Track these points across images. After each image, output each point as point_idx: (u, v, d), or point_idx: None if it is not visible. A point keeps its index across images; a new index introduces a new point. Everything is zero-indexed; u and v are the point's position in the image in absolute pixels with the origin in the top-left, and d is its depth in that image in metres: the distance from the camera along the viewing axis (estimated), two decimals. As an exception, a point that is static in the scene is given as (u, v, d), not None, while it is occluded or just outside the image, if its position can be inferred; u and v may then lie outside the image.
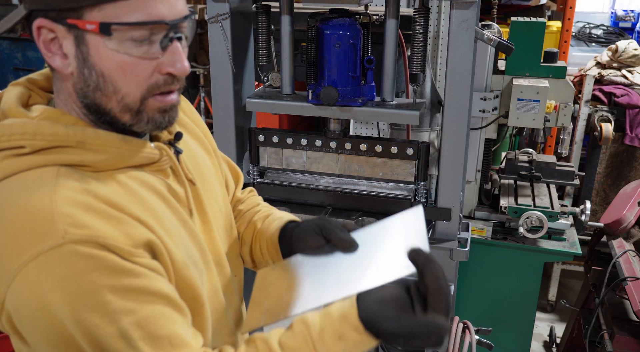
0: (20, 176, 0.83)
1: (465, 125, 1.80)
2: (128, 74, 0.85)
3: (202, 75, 5.38)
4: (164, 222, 0.92)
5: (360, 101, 1.88)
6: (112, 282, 0.80)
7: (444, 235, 1.92)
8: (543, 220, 2.51)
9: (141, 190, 0.91)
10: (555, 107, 2.58)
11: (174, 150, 1.01)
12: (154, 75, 0.87)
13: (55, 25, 0.84)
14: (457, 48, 1.74)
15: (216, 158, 1.21)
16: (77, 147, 0.85)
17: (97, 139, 0.86)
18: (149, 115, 0.89)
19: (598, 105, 3.39)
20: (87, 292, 0.79)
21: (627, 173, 3.53)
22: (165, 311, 0.87)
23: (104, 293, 0.79)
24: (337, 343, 0.87)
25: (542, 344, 3.29)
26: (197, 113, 1.21)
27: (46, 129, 0.84)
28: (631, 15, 5.19)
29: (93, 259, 0.79)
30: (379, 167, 1.97)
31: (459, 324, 1.98)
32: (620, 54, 3.40)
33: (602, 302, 2.42)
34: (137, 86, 0.86)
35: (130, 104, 0.87)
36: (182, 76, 0.90)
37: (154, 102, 0.89)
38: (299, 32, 1.95)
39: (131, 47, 0.84)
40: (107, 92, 0.86)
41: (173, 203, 0.97)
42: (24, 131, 0.83)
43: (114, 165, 0.89)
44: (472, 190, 2.72)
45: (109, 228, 0.81)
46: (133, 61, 0.84)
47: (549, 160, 2.81)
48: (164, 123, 0.91)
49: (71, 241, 0.78)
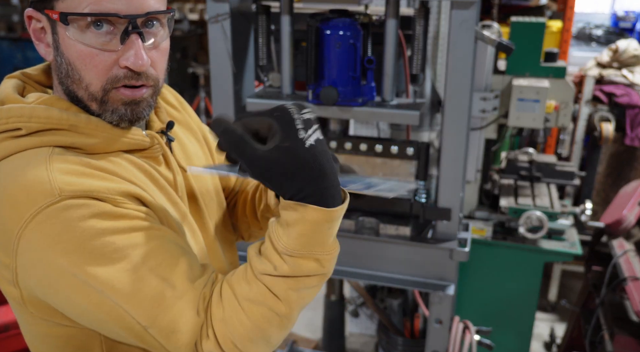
0: (17, 155, 0.88)
1: (465, 125, 1.80)
2: (87, 64, 0.89)
3: (202, 75, 5.38)
4: (153, 196, 0.95)
5: (360, 101, 1.88)
6: (112, 224, 0.84)
7: (444, 235, 1.92)
8: (543, 220, 2.51)
9: (132, 168, 0.95)
10: (555, 107, 2.58)
11: (166, 139, 1.04)
12: (115, 68, 0.89)
13: (40, 15, 0.91)
14: (457, 48, 1.74)
15: (207, 147, 1.22)
16: (70, 130, 0.90)
17: (89, 124, 0.91)
18: (112, 106, 0.92)
19: (598, 105, 3.39)
20: (89, 237, 0.82)
21: (627, 173, 3.53)
22: (169, 242, 0.89)
23: (105, 235, 0.83)
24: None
25: (542, 344, 3.29)
26: (186, 103, 1.22)
27: (41, 112, 0.89)
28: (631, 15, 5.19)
29: (89, 207, 0.83)
30: (379, 167, 1.97)
31: (459, 324, 1.99)
32: (621, 54, 3.40)
33: (603, 302, 2.42)
34: (98, 76, 0.90)
35: (94, 93, 0.91)
36: (144, 72, 0.91)
37: (117, 94, 0.91)
38: (299, 32, 1.95)
39: (90, 38, 0.87)
40: (75, 80, 0.91)
41: (163, 184, 1.00)
42: (21, 114, 0.88)
43: (105, 148, 0.93)
44: (472, 190, 2.72)
45: (101, 183, 0.86)
46: (91, 52, 0.88)
47: (549, 161, 2.81)
48: (126, 116, 0.93)
49: (67, 197, 0.82)
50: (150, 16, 0.90)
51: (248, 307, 0.86)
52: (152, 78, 0.93)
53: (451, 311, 1.94)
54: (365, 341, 3.28)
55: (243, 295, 0.86)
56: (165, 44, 0.95)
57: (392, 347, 2.67)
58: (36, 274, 0.85)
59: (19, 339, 2.34)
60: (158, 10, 0.90)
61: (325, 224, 0.83)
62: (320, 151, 0.81)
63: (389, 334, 2.68)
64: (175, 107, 1.18)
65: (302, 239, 0.84)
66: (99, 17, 0.86)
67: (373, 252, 1.97)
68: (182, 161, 1.08)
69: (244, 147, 0.79)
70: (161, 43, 0.94)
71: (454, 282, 1.93)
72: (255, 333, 0.86)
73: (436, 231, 1.94)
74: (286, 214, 0.84)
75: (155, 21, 0.92)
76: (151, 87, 0.94)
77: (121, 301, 0.84)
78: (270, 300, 0.86)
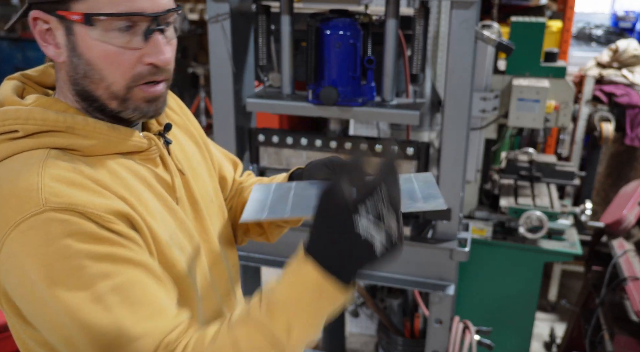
0: (14, 158, 0.88)
1: (465, 125, 1.80)
2: (112, 63, 0.89)
3: (202, 75, 5.38)
4: (147, 205, 0.94)
5: (360, 101, 1.88)
6: (89, 248, 0.82)
7: (444, 235, 1.92)
8: (543, 220, 2.51)
9: (127, 175, 0.94)
10: (555, 107, 2.58)
11: (164, 141, 1.04)
12: (138, 66, 0.91)
13: (49, 16, 0.90)
14: (457, 48, 1.74)
15: (207, 152, 1.22)
16: (66, 132, 0.90)
17: (87, 126, 0.91)
18: (135, 104, 0.93)
19: (598, 105, 3.39)
20: (62, 256, 0.81)
21: (627, 173, 3.53)
22: (144, 278, 0.87)
23: (79, 257, 0.82)
24: (296, 295, 0.85)
25: (542, 344, 3.29)
26: (186, 108, 1.23)
27: (37, 114, 0.89)
28: (631, 15, 5.19)
29: (70, 225, 0.82)
30: (379, 167, 1.97)
31: (459, 324, 1.99)
32: (621, 54, 3.40)
33: (603, 302, 2.42)
34: (122, 75, 0.91)
35: (116, 92, 0.91)
36: (165, 67, 0.93)
37: (140, 92, 0.93)
38: (299, 32, 1.95)
39: (114, 38, 0.88)
40: (95, 80, 0.91)
41: (159, 190, 0.99)
42: (17, 116, 0.89)
43: (102, 151, 0.93)
44: (472, 190, 2.72)
45: (89, 198, 0.85)
46: (116, 51, 0.89)
47: (549, 161, 2.81)
48: (149, 112, 0.95)
49: (50, 209, 0.82)
50: (169, 14, 0.92)
51: None
52: (169, 73, 0.96)
53: (451, 311, 1.94)
54: (365, 341, 3.28)
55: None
56: (175, 40, 0.97)
57: (392, 347, 2.66)
58: (12, 281, 0.85)
59: (19, 339, 2.34)
60: (174, 8, 0.93)
61: (318, 291, 0.83)
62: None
63: (389, 334, 2.67)
64: (175, 111, 1.18)
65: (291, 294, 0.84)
66: (125, 17, 0.87)
67: (373, 252, 1.97)
68: (181, 164, 1.08)
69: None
70: (173, 39, 0.96)
71: (454, 282, 1.93)
72: None
73: (436, 231, 1.94)
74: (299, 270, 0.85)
75: (171, 18, 0.94)
76: (166, 82, 0.97)
77: (76, 329, 0.82)
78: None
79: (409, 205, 1.03)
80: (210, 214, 1.14)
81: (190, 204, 1.08)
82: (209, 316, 1.07)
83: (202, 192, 1.12)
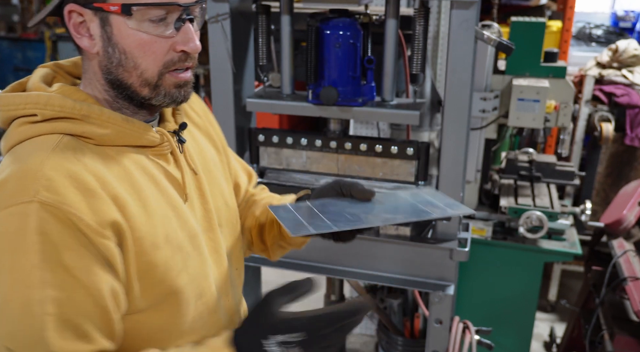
0: (31, 140, 0.94)
1: (465, 125, 1.80)
2: (146, 51, 0.95)
3: (202, 75, 5.38)
4: (147, 202, 0.97)
5: (360, 101, 1.88)
6: (51, 254, 0.85)
7: (444, 235, 1.92)
8: (543, 220, 2.51)
9: (134, 170, 0.98)
10: (555, 107, 2.58)
11: (177, 139, 1.08)
12: (169, 53, 0.97)
13: (83, 9, 0.94)
14: (457, 48, 1.74)
15: (225, 156, 1.26)
16: (82, 120, 0.94)
17: (101, 115, 0.95)
18: (165, 89, 0.99)
19: (598, 105, 3.39)
20: (24, 250, 0.84)
21: (627, 173, 3.53)
22: (89, 303, 0.88)
23: (38, 258, 0.84)
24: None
25: (542, 344, 3.29)
26: (208, 111, 1.27)
27: (56, 101, 0.94)
28: (631, 15, 5.19)
29: (48, 224, 0.84)
30: (379, 167, 1.97)
31: (459, 324, 1.99)
32: (621, 53, 3.40)
33: (602, 302, 2.42)
34: (154, 62, 0.96)
35: (148, 78, 0.97)
36: (194, 54, 0.99)
37: (170, 78, 0.98)
38: (299, 32, 1.95)
39: (149, 27, 0.94)
40: (128, 68, 0.96)
41: (164, 187, 1.02)
42: (37, 101, 0.94)
43: (114, 141, 0.96)
44: (472, 190, 2.72)
45: (79, 199, 0.87)
46: (150, 39, 0.95)
47: (549, 161, 2.81)
48: (179, 97, 1.01)
49: (38, 201, 0.84)
50: (198, 4, 0.98)
51: None
52: (196, 61, 1.02)
53: (451, 311, 1.94)
54: (365, 341, 3.28)
55: None
56: (199, 32, 1.02)
57: (392, 347, 2.67)
58: None
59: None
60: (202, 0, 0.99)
61: None
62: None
63: (389, 334, 2.68)
64: (198, 114, 1.23)
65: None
66: (161, 7, 0.93)
67: (373, 252, 1.97)
68: (195, 163, 1.11)
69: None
70: (197, 30, 1.01)
71: (454, 282, 1.93)
72: None
73: (436, 231, 1.94)
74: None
75: (199, 8, 1.00)
76: (192, 69, 1.02)
77: (4, 320, 0.86)
78: None
79: (439, 212, 1.11)
80: (221, 216, 1.16)
81: (201, 203, 1.10)
82: (204, 313, 1.09)
83: (215, 193, 1.15)
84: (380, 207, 1.15)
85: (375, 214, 1.12)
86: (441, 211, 1.14)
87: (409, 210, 1.15)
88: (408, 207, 1.17)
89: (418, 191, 1.26)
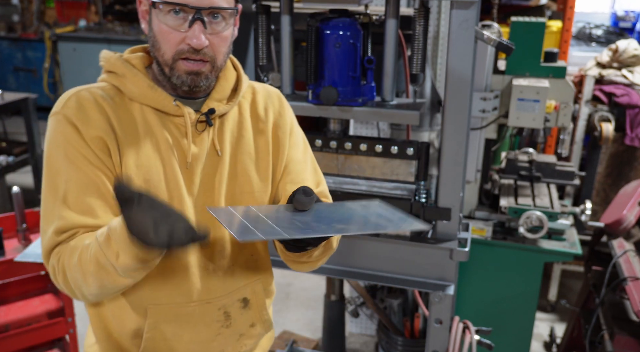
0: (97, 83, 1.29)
1: (465, 125, 1.80)
2: (164, 38, 1.19)
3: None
4: (138, 146, 1.22)
5: (360, 101, 1.88)
6: (66, 146, 1.19)
7: (444, 235, 1.92)
8: (543, 220, 2.51)
9: (139, 122, 1.24)
10: (555, 107, 2.58)
11: (206, 121, 1.27)
12: (181, 44, 1.18)
13: (145, 0, 1.23)
14: (457, 48, 1.74)
15: (278, 159, 1.38)
16: (121, 76, 1.24)
17: (133, 77, 1.24)
18: (178, 72, 1.21)
19: (598, 105, 3.39)
20: (51, 140, 1.21)
21: (627, 173, 3.53)
22: (89, 185, 1.18)
23: (58, 147, 1.20)
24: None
25: (542, 344, 3.29)
26: (287, 118, 1.41)
27: (113, 60, 1.26)
28: (631, 15, 5.19)
29: (66, 128, 1.19)
30: (379, 167, 1.98)
31: (459, 324, 1.99)
32: (621, 53, 3.40)
33: (602, 302, 2.42)
34: (170, 49, 1.19)
35: (167, 60, 1.21)
36: (200, 50, 1.18)
37: (182, 64, 1.20)
38: (299, 32, 1.95)
39: (168, 20, 1.17)
40: (157, 49, 1.21)
41: (164, 147, 1.24)
42: (107, 58, 1.27)
43: (138, 98, 1.24)
44: (472, 190, 2.72)
45: (90, 118, 1.19)
46: (168, 30, 1.18)
47: (549, 161, 2.81)
48: (187, 82, 1.21)
49: (62, 114, 1.20)
50: (213, 10, 1.17)
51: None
52: (209, 56, 1.20)
53: (451, 311, 1.94)
54: (365, 341, 3.28)
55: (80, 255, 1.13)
56: (227, 33, 1.21)
57: (392, 347, 2.67)
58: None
59: (19, 339, 2.34)
60: (219, 6, 1.17)
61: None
62: None
63: (389, 334, 2.68)
64: (267, 118, 1.38)
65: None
66: (173, 6, 1.15)
67: (373, 252, 1.97)
68: (221, 147, 1.29)
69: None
70: (222, 32, 1.20)
71: (454, 282, 1.93)
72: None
73: (436, 231, 1.94)
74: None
75: (218, 14, 1.18)
76: (208, 63, 1.21)
77: (43, 186, 1.22)
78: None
79: (393, 225, 1.11)
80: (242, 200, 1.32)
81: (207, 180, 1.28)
82: (173, 260, 1.27)
83: (241, 181, 1.32)
84: (329, 216, 1.13)
85: (327, 223, 1.09)
86: (394, 225, 1.12)
87: (361, 222, 1.13)
88: (360, 218, 1.15)
89: (368, 203, 1.23)
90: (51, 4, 7.50)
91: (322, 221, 1.10)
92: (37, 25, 7.33)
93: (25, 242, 2.47)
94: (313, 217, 1.12)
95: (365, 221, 1.14)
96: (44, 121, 1.94)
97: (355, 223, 1.12)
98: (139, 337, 1.29)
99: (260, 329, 1.42)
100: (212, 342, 1.34)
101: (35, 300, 2.52)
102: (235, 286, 1.34)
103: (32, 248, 2.36)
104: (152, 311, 1.27)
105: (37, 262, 2.28)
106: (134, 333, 1.29)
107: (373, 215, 1.16)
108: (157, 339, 1.29)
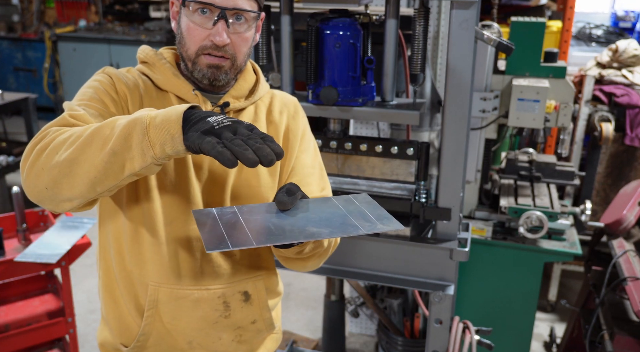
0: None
1: (465, 125, 1.80)
2: (190, 34, 1.29)
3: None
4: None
5: (360, 101, 1.88)
6: (101, 80, 1.33)
7: (444, 235, 1.92)
8: (543, 220, 2.51)
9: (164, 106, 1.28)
10: (555, 107, 2.58)
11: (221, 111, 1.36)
12: (205, 41, 1.28)
13: (176, 1, 1.34)
14: (457, 48, 1.74)
15: (286, 160, 1.43)
16: (152, 65, 1.38)
17: (161, 67, 1.37)
18: (200, 66, 1.30)
19: (598, 105, 3.39)
20: (89, 81, 1.34)
21: (627, 173, 3.53)
22: (96, 102, 1.28)
23: (95, 81, 1.33)
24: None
25: (542, 344, 3.29)
26: (300, 123, 1.46)
27: (148, 52, 1.40)
28: (631, 15, 5.19)
29: (103, 76, 1.33)
30: (379, 167, 1.98)
31: (459, 324, 1.99)
32: (621, 54, 3.40)
33: (602, 302, 2.42)
34: (194, 44, 1.29)
35: (190, 55, 1.31)
36: (222, 47, 1.27)
37: (203, 59, 1.30)
38: (299, 32, 1.95)
39: (195, 18, 1.28)
40: (182, 44, 1.32)
41: None
42: (143, 50, 1.41)
43: (164, 85, 1.36)
44: (472, 190, 2.72)
45: (117, 77, 1.33)
46: (194, 27, 1.28)
47: (549, 161, 2.81)
48: (207, 75, 1.30)
49: (104, 70, 1.36)
50: (237, 11, 1.26)
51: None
52: (230, 53, 1.29)
53: (451, 311, 1.94)
54: (365, 341, 3.28)
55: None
56: (248, 34, 1.30)
57: (392, 347, 2.67)
58: None
59: (19, 339, 2.34)
60: (242, 8, 1.26)
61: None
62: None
63: (389, 334, 2.68)
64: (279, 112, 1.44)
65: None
66: (201, 5, 1.25)
67: (373, 252, 1.97)
68: None
69: None
70: (244, 32, 1.29)
71: (454, 282, 1.93)
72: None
73: (436, 231, 1.94)
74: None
75: (241, 16, 1.27)
76: (229, 60, 1.30)
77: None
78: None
79: (368, 227, 1.13)
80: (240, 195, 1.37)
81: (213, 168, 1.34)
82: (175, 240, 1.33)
83: (243, 175, 1.36)
84: (308, 218, 1.14)
85: (301, 227, 1.10)
86: (371, 225, 1.13)
87: (338, 223, 1.13)
88: (338, 218, 1.15)
89: (353, 198, 1.24)
90: (51, 4, 7.50)
91: (298, 223, 1.12)
92: (37, 25, 7.33)
93: (25, 242, 2.47)
94: (291, 220, 1.13)
95: (342, 221, 1.14)
96: (44, 121, 1.94)
97: (330, 226, 1.12)
98: (140, 316, 1.36)
99: (261, 327, 1.44)
100: (209, 330, 1.38)
101: (35, 300, 2.52)
102: (236, 278, 1.39)
103: (32, 248, 2.37)
104: (152, 289, 1.34)
105: (37, 262, 2.29)
106: (137, 309, 1.36)
107: (353, 213, 1.17)
108: (156, 321, 1.35)
